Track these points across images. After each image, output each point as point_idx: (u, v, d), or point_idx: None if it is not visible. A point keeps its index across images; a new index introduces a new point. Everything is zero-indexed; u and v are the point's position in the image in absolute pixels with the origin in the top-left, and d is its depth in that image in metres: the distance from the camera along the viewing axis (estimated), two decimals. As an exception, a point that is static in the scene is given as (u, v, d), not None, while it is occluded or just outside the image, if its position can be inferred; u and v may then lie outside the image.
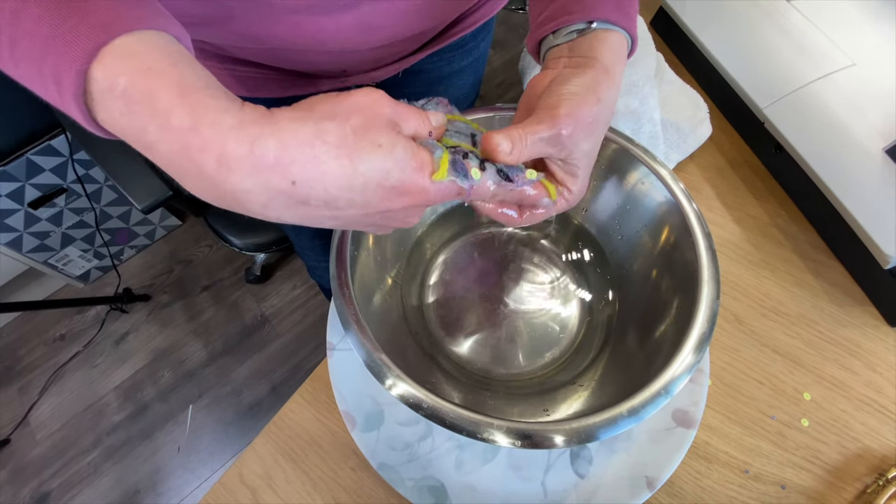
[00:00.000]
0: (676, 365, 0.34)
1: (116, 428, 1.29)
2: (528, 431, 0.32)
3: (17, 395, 1.35)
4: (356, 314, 0.36)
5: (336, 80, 0.52)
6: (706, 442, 0.47)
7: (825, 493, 0.44)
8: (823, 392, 0.49)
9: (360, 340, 0.35)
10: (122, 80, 0.21)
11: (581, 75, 0.30)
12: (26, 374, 1.38)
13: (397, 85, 0.61)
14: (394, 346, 0.41)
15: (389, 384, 0.34)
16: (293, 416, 0.49)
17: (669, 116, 0.59)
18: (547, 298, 0.51)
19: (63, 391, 1.35)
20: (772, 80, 0.59)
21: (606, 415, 0.33)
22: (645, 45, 0.63)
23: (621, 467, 0.44)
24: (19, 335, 1.44)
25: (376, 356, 0.34)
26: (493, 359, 0.48)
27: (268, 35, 0.40)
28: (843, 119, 0.55)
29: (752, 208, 0.59)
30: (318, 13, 0.39)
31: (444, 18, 0.48)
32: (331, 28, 0.41)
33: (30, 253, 1.29)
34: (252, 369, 1.35)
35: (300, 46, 0.42)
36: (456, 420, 0.32)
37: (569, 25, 0.32)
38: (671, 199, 0.42)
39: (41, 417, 1.32)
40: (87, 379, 1.36)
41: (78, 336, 1.42)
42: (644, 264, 0.46)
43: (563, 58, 0.32)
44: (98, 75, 0.21)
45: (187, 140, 0.21)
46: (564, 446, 0.32)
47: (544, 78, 0.32)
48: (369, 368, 0.34)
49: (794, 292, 0.54)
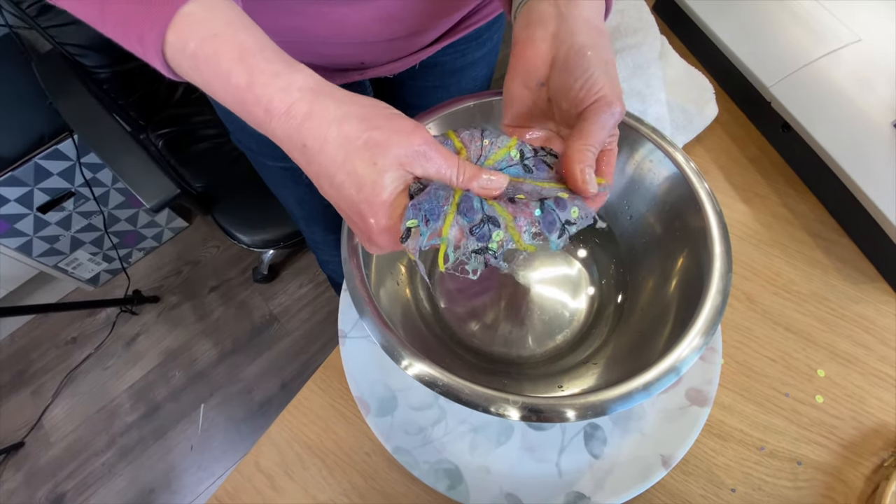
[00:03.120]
0: (690, 337, 0.34)
1: (129, 428, 1.30)
2: (540, 406, 0.32)
3: (30, 399, 1.36)
4: (369, 297, 0.36)
5: (355, 73, 0.52)
6: (720, 420, 0.47)
7: (841, 469, 0.44)
8: (837, 368, 0.48)
9: (375, 322, 0.35)
10: (191, 43, 0.25)
11: (592, 57, 0.29)
12: (39, 377, 1.39)
13: (411, 78, 0.61)
14: (406, 332, 0.41)
15: (405, 364, 0.34)
16: (308, 403, 0.49)
17: (675, 98, 0.59)
18: (557, 281, 0.51)
19: (76, 393, 1.36)
20: (777, 58, 0.58)
21: (619, 389, 0.33)
22: (649, 28, 0.63)
23: (636, 447, 0.44)
24: (31, 339, 1.45)
25: (391, 337, 0.35)
26: (505, 342, 0.48)
27: (287, 27, 0.41)
28: (850, 95, 0.54)
29: (760, 188, 0.59)
30: (340, 3, 0.39)
31: (460, 9, 0.48)
32: (352, 19, 0.41)
33: (40, 257, 1.29)
34: (262, 367, 1.36)
35: (321, 38, 0.43)
36: (471, 396, 0.32)
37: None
38: (681, 178, 0.42)
39: (55, 420, 1.33)
40: (100, 381, 1.37)
41: (89, 338, 1.43)
42: (654, 244, 0.45)
43: (550, 22, 0.30)
44: (171, 38, 0.25)
45: (243, 95, 0.25)
46: (576, 420, 0.32)
47: (539, 53, 0.31)
48: (385, 349, 0.35)
49: (805, 270, 0.53)
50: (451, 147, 0.31)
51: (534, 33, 0.31)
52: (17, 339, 1.45)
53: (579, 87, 0.29)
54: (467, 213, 0.28)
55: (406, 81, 0.61)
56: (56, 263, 1.35)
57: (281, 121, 0.25)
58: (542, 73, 0.31)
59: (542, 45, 0.31)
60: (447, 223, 0.28)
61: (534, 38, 0.31)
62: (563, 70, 0.30)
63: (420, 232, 0.27)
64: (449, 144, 0.31)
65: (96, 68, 0.95)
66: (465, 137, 0.32)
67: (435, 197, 0.28)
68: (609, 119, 0.29)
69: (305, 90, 0.25)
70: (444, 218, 0.28)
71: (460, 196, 0.29)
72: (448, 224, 0.28)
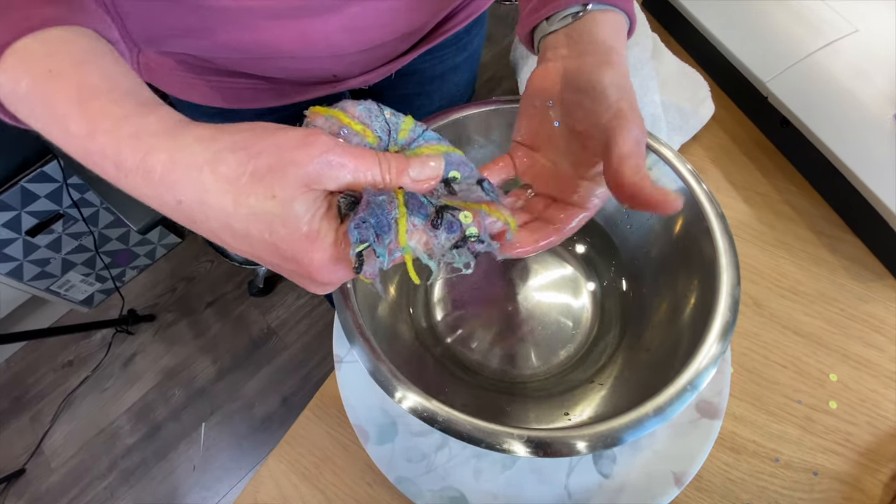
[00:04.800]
0: (701, 357, 0.33)
1: (131, 450, 1.28)
2: (548, 439, 0.30)
3: (29, 424, 1.35)
4: (360, 326, 0.35)
5: (327, 86, 0.51)
6: (733, 432, 0.45)
7: (859, 477, 0.43)
8: (850, 372, 0.47)
9: (367, 353, 0.34)
10: (23, 84, 0.21)
11: (600, 73, 0.27)
12: (37, 402, 1.37)
13: (391, 87, 0.59)
14: (401, 356, 0.39)
15: (399, 397, 0.32)
16: (304, 432, 0.47)
17: (670, 98, 0.58)
18: (557, 295, 0.49)
19: (75, 417, 1.34)
20: (773, 52, 0.57)
21: (631, 416, 0.31)
22: (641, 27, 0.61)
23: (647, 464, 0.43)
24: (27, 364, 1.43)
25: (384, 368, 0.33)
26: (507, 361, 0.46)
27: (252, 43, 0.39)
28: (849, 87, 0.53)
29: (761, 186, 0.57)
30: (302, 17, 0.38)
31: (434, 15, 0.46)
32: (317, 32, 0.39)
33: (31, 281, 1.28)
34: (262, 382, 1.34)
35: (286, 53, 0.41)
36: (473, 432, 0.31)
37: (563, 10, 0.30)
38: (679, 182, 0.40)
39: (55, 445, 1.31)
40: (98, 403, 1.35)
41: (86, 361, 1.41)
42: (656, 254, 0.44)
43: (561, 47, 0.31)
44: (2, 79, 0.21)
45: (86, 146, 0.21)
46: (588, 452, 0.31)
47: (548, 73, 0.30)
48: (377, 382, 0.33)
49: (811, 270, 0.52)
50: (351, 134, 0.26)
51: (545, 56, 0.31)
52: (13, 365, 1.43)
53: (590, 102, 0.28)
54: (419, 209, 0.24)
55: (384, 90, 0.59)
56: (48, 287, 1.33)
57: (137, 177, 0.21)
58: (550, 93, 0.31)
59: (551, 65, 0.30)
60: (401, 231, 0.23)
61: (545, 61, 0.31)
62: (572, 88, 0.29)
63: (376, 253, 0.23)
64: (347, 133, 0.26)
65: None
66: (362, 115, 0.26)
67: (377, 205, 0.23)
68: (634, 130, 0.26)
69: (161, 134, 0.21)
70: (395, 226, 0.23)
71: (404, 194, 0.24)
72: (402, 231, 0.23)
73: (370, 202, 0.23)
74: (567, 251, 0.51)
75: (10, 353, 1.44)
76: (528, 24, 0.33)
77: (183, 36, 0.38)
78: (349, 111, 0.26)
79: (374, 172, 0.23)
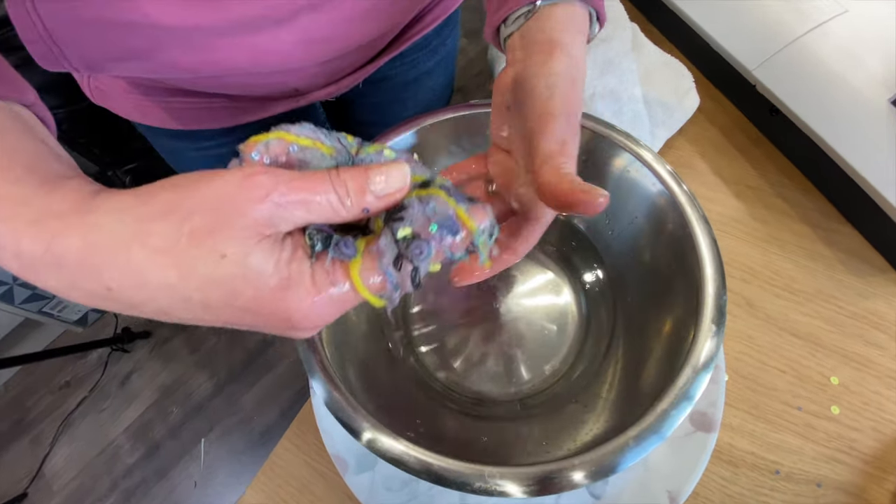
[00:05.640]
0: (689, 369, 0.31)
1: (131, 470, 1.27)
2: (540, 475, 0.28)
3: (29, 448, 1.34)
4: (322, 361, 0.33)
5: (290, 101, 0.48)
6: (729, 444, 0.43)
7: (865, 487, 0.40)
8: (851, 373, 0.44)
9: (329, 392, 0.32)
10: None
11: (540, 71, 0.26)
12: (36, 425, 1.36)
13: (361, 96, 0.57)
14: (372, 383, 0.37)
15: (367, 438, 0.30)
16: (282, 462, 0.45)
17: (652, 91, 0.55)
18: (540, 306, 0.47)
19: (74, 439, 1.33)
20: (759, 38, 0.54)
21: (619, 441, 0.29)
22: (618, 19, 0.58)
23: (639, 484, 0.40)
24: (25, 387, 1.42)
25: (347, 408, 0.31)
26: (489, 380, 0.44)
27: (202, 62, 0.37)
28: (840, 72, 0.50)
29: (751, 179, 0.55)
30: (251, 33, 0.35)
31: (395, 23, 0.44)
32: (269, 47, 0.37)
33: (23, 304, 1.26)
34: (259, 395, 1.32)
35: (240, 70, 0.39)
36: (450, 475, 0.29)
37: (515, 11, 0.28)
38: (659, 185, 0.38)
39: (55, 467, 1.30)
40: (97, 423, 1.34)
41: (83, 381, 1.40)
42: (640, 260, 0.42)
43: (517, 50, 0.29)
44: None
45: None
46: (585, 484, 0.29)
47: (505, 77, 0.29)
48: (340, 423, 0.31)
49: (807, 266, 0.49)
50: (302, 150, 0.22)
51: (507, 60, 0.29)
52: (11, 388, 1.42)
53: (529, 104, 0.26)
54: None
55: (356, 100, 0.57)
56: (41, 308, 1.32)
57: (45, 269, 0.18)
58: (505, 96, 0.29)
59: (508, 69, 0.29)
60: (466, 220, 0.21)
61: (506, 65, 0.29)
62: (518, 90, 0.27)
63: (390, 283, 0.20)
64: (297, 149, 0.22)
65: (51, 109, 0.90)
66: (306, 132, 0.23)
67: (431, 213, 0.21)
68: (562, 126, 0.25)
69: (67, 215, 0.18)
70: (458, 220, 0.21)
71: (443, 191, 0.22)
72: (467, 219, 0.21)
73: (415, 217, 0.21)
74: (549, 258, 0.49)
75: (8, 377, 1.43)
76: (492, 27, 0.31)
77: (128, 59, 0.36)
78: (292, 130, 0.23)
79: (331, 199, 0.19)
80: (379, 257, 0.20)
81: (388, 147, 0.25)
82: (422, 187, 0.23)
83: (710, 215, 0.52)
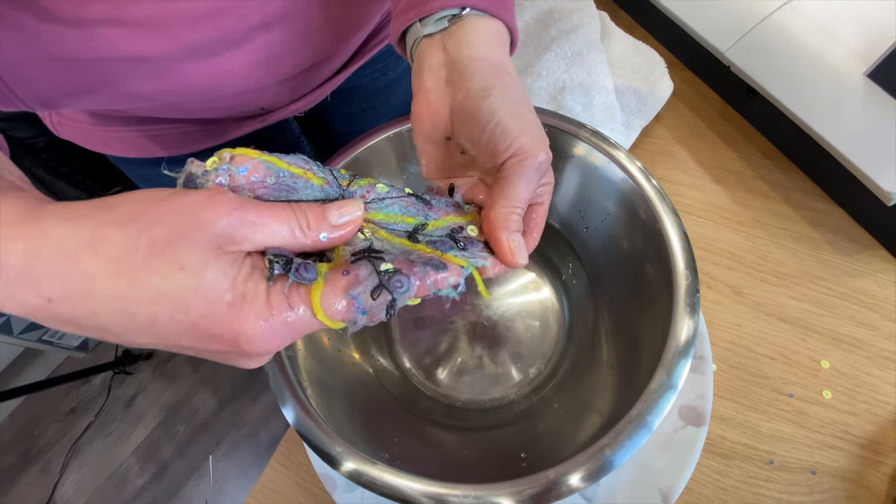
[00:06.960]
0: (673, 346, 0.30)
1: (142, 492, 1.28)
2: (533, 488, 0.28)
3: (39, 476, 1.34)
4: (292, 385, 0.32)
5: (257, 120, 0.47)
6: (721, 436, 0.42)
7: (862, 472, 0.40)
8: (843, 356, 0.44)
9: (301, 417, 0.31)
10: None
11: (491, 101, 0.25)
12: (45, 453, 1.37)
13: (333, 107, 0.56)
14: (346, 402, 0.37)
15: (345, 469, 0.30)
16: (271, 484, 0.45)
17: (624, 80, 0.54)
18: (523, 309, 0.46)
19: (83, 464, 1.33)
20: (729, 18, 0.53)
21: (608, 438, 0.29)
22: (585, 8, 0.57)
23: (631, 483, 0.40)
24: (31, 416, 1.42)
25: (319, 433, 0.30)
26: (471, 387, 0.43)
27: (156, 90, 0.36)
28: (814, 48, 0.49)
29: (731, 163, 0.53)
30: (204, 57, 0.34)
31: (354, 36, 0.43)
32: (225, 69, 0.36)
33: (22, 334, 1.27)
34: (265, 407, 1.32)
35: (198, 95, 0.38)
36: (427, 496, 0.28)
37: (439, 12, 0.26)
38: (630, 182, 0.37)
39: (66, 495, 1.31)
40: (105, 447, 1.35)
41: (88, 406, 1.40)
42: (615, 256, 0.41)
43: (439, 66, 0.27)
44: None
45: None
46: (581, 488, 0.28)
47: (433, 107, 0.27)
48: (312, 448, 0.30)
49: (792, 248, 0.48)
50: (291, 177, 0.23)
51: (425, 83, 0.27)
52: (18, 419, 1.43)
53: (487, 138, 0.25)
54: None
55: (328, 111, 0.56)
56: (40, 337, 1.32)
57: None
58: (443, 127, 0.27)
59: (434, 96, 0.27)
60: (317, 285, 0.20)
61: (426, 90, 0.27)
62: (465, 121, 0.26)
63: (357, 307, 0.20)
64: (285, 176, 0.23)
65: (31, 139, 0.90)
66: (298, 162, 0.24)
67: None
68: (532, 174, 0.25)
69: (13, 223, 0.17)
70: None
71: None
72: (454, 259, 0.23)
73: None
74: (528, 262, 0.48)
75: (13, 408, 1.44)
76: (400, 26, 0.29)
77: (82, 94, 0.35)
78: (285, 159, 0.24)
79: (292, 224, 0.20)
80: (354, 284, 0.20)
81: (381, 181, 0.25)
82: (413, 233, 0.25)
83: (690, 202, 0.52)
